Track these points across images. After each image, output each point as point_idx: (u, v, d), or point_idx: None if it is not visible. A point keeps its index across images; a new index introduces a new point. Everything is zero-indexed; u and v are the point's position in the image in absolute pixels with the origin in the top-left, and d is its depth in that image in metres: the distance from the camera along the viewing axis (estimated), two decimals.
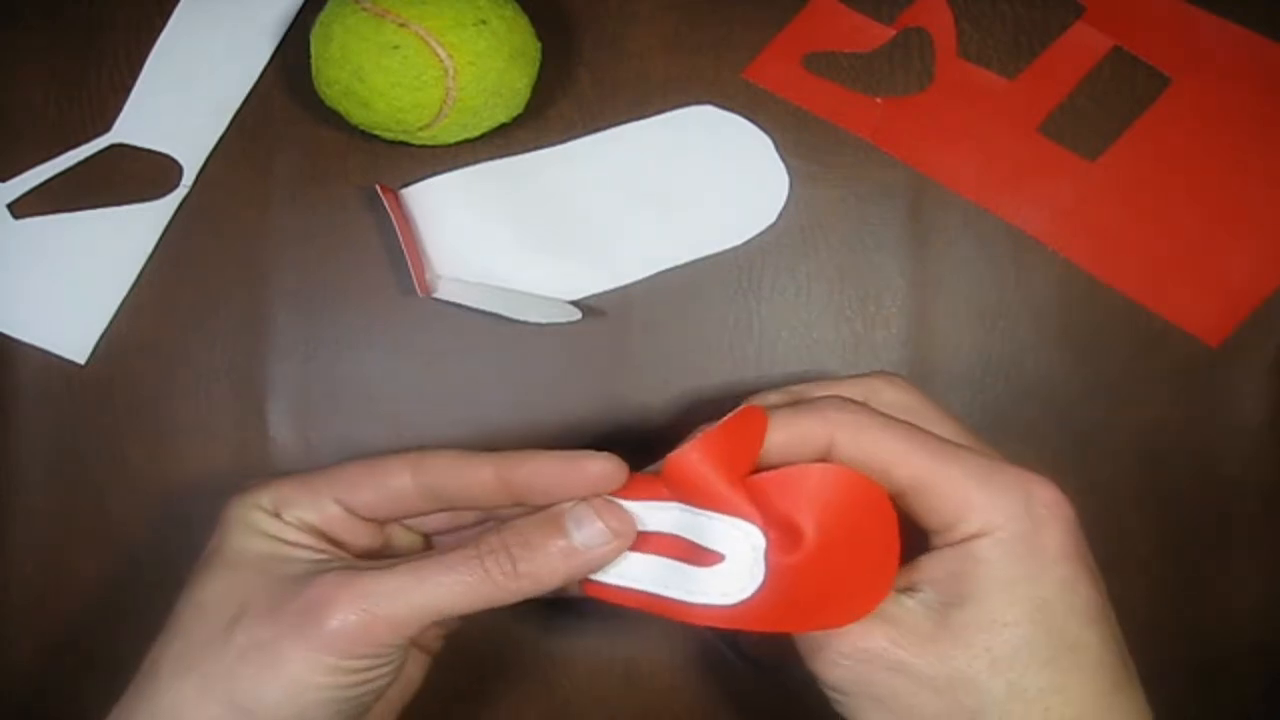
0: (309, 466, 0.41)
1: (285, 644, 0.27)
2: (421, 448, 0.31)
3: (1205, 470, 0.41)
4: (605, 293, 0.41)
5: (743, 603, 0.27)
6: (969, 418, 0.41)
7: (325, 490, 0.31)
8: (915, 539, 0.29)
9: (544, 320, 0.41)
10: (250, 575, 0.29)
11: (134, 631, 0.28)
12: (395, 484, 0.31)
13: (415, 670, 0.33)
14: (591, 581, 0.29)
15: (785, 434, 0.28)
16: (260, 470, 0.41)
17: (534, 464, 0.29)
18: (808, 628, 0.28)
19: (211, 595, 0.29)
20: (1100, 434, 0.41)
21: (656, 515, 0.28)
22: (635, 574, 0.28)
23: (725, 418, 0.28)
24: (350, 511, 0.31)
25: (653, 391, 0.41)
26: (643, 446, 0.41)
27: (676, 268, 0.41)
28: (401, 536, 0.34)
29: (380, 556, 0.33)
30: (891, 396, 0.30)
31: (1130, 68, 0.41)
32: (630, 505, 0.28)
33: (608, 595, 0.29)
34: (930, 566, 0.28)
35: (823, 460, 0.28)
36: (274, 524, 0.30)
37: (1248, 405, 0.41)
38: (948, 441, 0.28)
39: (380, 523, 0.32)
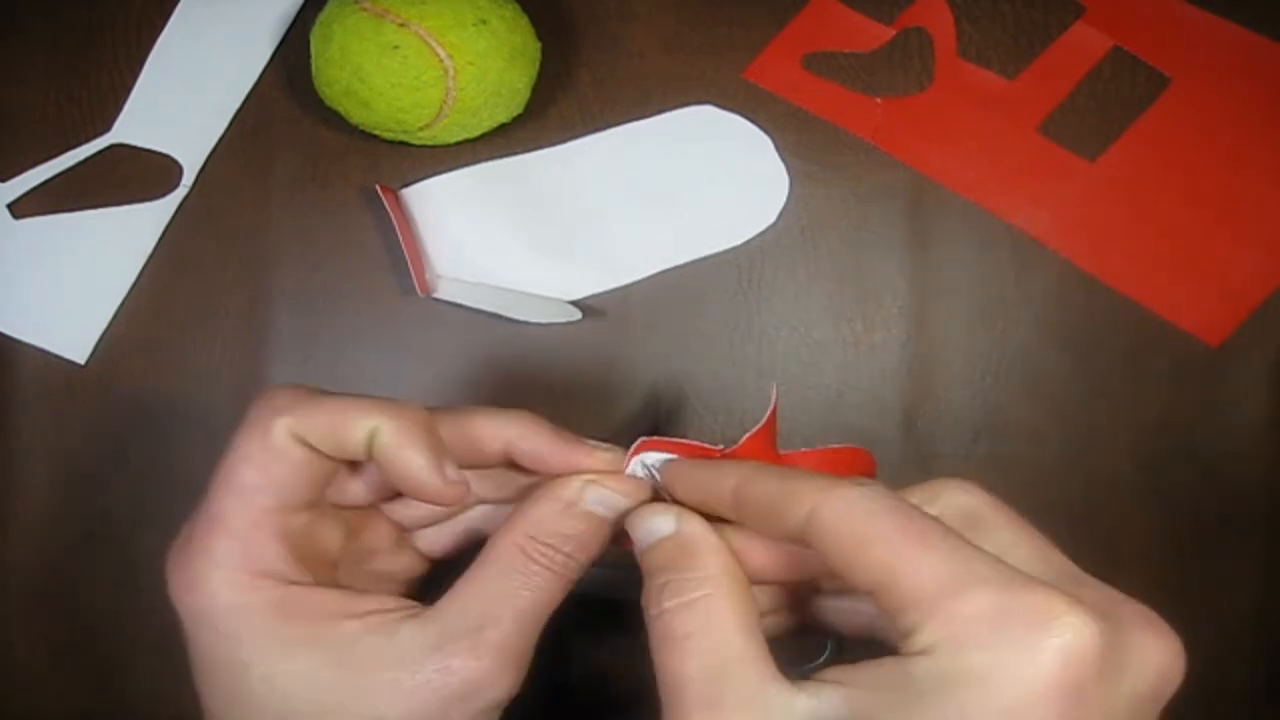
0: None
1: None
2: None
3: (1205, 470, 0.41)
4: (605, 293, 0.41)
5: None
6: (969, 418, 0.41)
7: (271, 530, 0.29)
8: None
9: (544, 320, 0.41)
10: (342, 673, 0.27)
11: (134, 631, 0.28)
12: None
13: None
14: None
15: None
16: None
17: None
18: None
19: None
20: (1100, 434, 0.41)
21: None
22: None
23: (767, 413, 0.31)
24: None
25: (652, 391, 0.41)
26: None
27: (676, 268, 0.41)
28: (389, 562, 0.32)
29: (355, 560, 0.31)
30: (952, 499, 0.27)
31: (1130, 68, 0.41)
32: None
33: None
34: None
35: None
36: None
37: (1248, 405, 0.41)
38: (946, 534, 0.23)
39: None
